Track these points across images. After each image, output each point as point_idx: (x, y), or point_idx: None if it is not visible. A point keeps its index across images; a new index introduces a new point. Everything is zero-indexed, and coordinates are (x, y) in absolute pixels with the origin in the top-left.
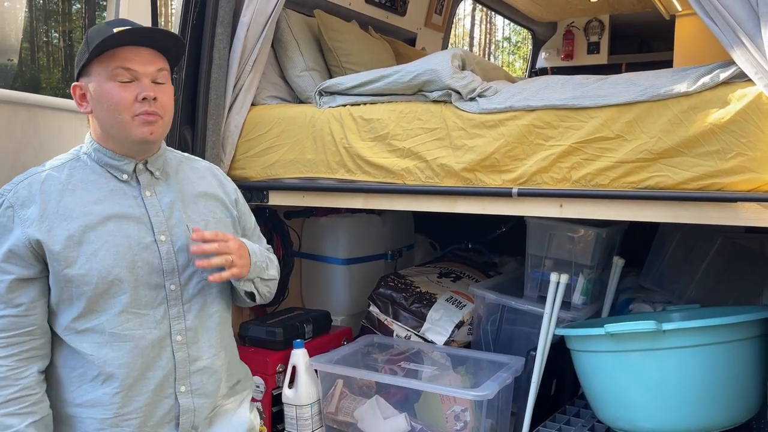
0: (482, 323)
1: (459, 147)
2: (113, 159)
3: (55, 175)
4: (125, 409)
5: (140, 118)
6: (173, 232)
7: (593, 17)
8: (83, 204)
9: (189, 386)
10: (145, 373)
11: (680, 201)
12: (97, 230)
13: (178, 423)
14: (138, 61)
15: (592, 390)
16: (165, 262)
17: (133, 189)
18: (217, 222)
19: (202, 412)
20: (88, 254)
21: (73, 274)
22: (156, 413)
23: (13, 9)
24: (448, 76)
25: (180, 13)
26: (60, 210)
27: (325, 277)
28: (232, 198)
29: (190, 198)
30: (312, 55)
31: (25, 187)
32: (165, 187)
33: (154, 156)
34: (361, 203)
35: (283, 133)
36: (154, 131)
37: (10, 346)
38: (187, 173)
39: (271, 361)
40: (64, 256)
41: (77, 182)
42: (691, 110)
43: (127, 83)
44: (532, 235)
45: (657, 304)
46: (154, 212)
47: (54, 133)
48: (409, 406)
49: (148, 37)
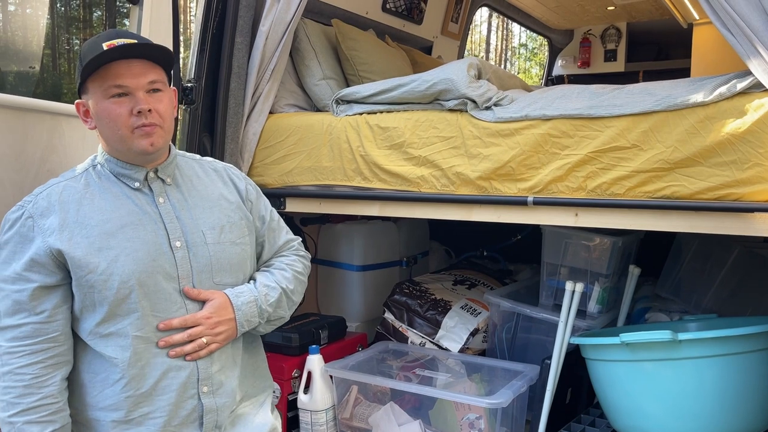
0: (497, 331)
1: (474, 155)
2: (124, 168)
3: (72, 185)
4: (148, 408)
5: (139, 131)
6: (188, 238)
7: (610, 25)
8: (101, 211)
9: (211, 386)
10: (167, 374)
11: (697, 211)
12: (116, 236)
13: (202, 423)
14: (129, 75)
15: (607, 399)
16: (180, 267)
17: (147, 196)
18: (232, 225)
19: (224, 411)
20: (109, 260)
21: (95, 279)
22: (180, 413)
23: (35, 16)
24: (464, 85)
25: (200, 23)
26: (79, 218)
27: (341, 283)
28: (243, 194)
29: (204, 202)
30: (329, 64)
31: (44, 198)
32: (178, 193)
33: (164, 163)
34: (377, 211)
35: (300, 140)
36: (154, 142)
37: (34, 353)
38: (200, 177)
39: (286, 367)
40: (86, 263)
41: (94, 191)
42: (707, 120)
43: (122, 98)
44: (548, 243)
45: (673, 314)
46: (168, 219)
47: (78, 140)
48: (423, 413)
49: (135, 52)
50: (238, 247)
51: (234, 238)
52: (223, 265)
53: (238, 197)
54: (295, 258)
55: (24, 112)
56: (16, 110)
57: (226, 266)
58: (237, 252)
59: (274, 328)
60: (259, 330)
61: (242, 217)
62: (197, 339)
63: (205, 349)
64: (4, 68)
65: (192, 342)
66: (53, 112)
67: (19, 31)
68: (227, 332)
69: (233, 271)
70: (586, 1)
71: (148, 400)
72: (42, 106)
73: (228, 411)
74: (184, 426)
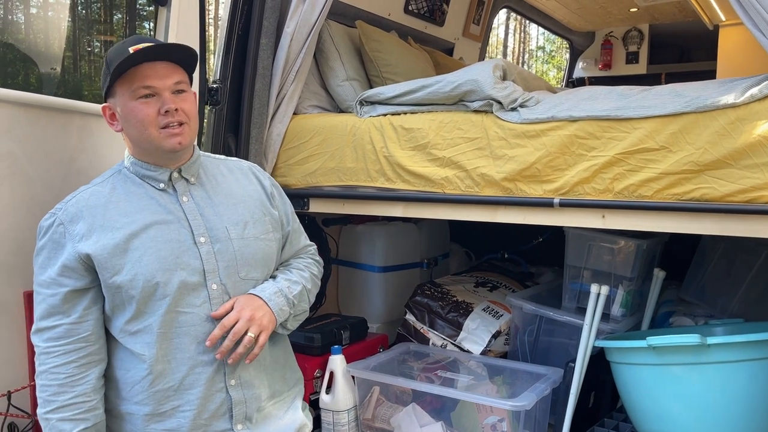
0: (519, 333)
1: (500, 157)
2: (149, 170)
3: (99, 190)
4: (178, 401)
5: (166, 130)
6: (212, 234)
7: (632, 27)
8: (126, 214)
9: (239, 379)
10: (194, 369)
11: (727, 213)
12: (140, 237)
13: (232, 415)
14: (156, 76)
15: (632, 403)
16: (206, 262)
17: (171, 196)
18: (255, 222)
19: (253, 404)
20: (133, 261)
21: (120, 281)
22: (209, 406)
23: (57, 19)
24: (489, 86)
25: (226, 24)
26: (105, 222)
27: (362, 284)
28: (268, 191)
29: (228, 199)
30: (353, 65)
31: (74, 205)
32: (201, 191)
33: (187, 163)
34: (401, 212)
35: (323, 141)
36: (182, 140)
37: (67, 353)
38: (225, 175)
39: (308, 367)
40: (111, 265)
41: (120, 194)
42: (738, 122)
43: (149, 99)
44: (571, 245)
45: (698, 318)
46: (192, 216)
47: (106, 140)
48: (445, 415)
49: (162, 52)
50: (262, 243)
51: (258, 234)
52: (248, 260)
53: (263, 194)
54: (311, 261)
55: (54, 111)
56: (47, 110)
57: (251, 261)
58: (261, 247)
59: (298, 324)
60: (287, 325)
61: (266, 213)
62: (244, 338)
63: (257, 345)
64: (26, 70)
65: (240, 344)
66: (83, 112)
67: (41, 33)
68: (266, 316)
69: (258, 266)
70: (609, 3)
71: (177, 394)
72: (72, 106)
73: (257, 403)
74: (214, 419)
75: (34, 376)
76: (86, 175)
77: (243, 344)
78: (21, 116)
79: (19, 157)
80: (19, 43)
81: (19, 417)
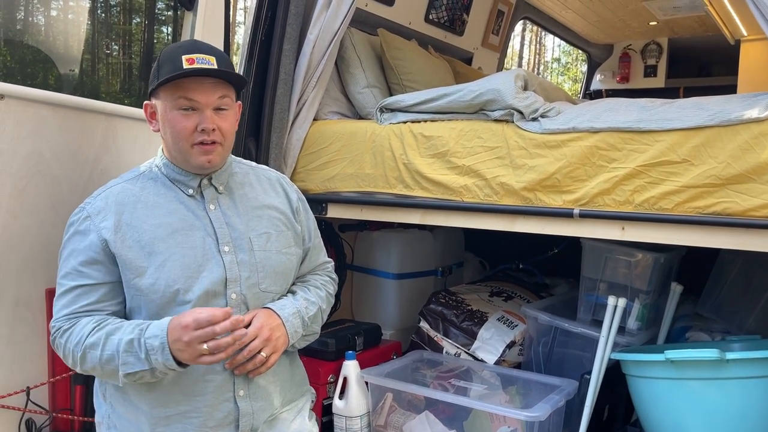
0: (533, 344)
1: (520, 166)
2: (180, 175)
3: (129, 188)
4: (186, 407)
5: (199, 147)
6: (236, 243)
7: (651, 40)
8: (154, 216)
9: (247, 390)
10: (204, 376)
11: (748, 228)
12: (166, 241)
13: (238, 426)
14: (201, 91)
15: (648, 417)
16: (228, 271)
17: (199, 203)
18: (279, 234)
19: (260, 416)
20: (157, 264)
21: (142, 283)
22: (216, 415)
23: (77, 22)
24: (510, 96)
25: (249, 30)
26: (133, 221)
27: (376, 290)
28: (294, 205)
29: (253, 211)
30: (374, 73)
31: (102, 200)
32: (229, 200)
33: (218, 172)
34: (419, 219)
35: (343, 147)
36: (212, 159)
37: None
38: (253, 185)
39: (322, 371)
40: (136, 266)
41: (149, 195)
42: (762, 136)
43: (189, 113)
44: (588, 257)
45: (715, 334)
46: (218, 225)
47: (130, 141)
48: (457, 423)
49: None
50: (283, 257)
51: (280, 247)
52: (269, 272)
53: (289, 208)
54: (328, 279)
55: (80, 112)
56: (74, 110)
57: (271, 274)
58: (282, 261)
59: (306, 344)
60: (295, 345)
61: (289, 227)
62: (256, 355)
63: (265, 365)
64: (46, 71)
65: (252, 359)
66: (108, 113)
67: (61, 36)
68: (281, 338)
69: (278, 280)
70: (628, 16)
71: (186, 399)
72: (97, 107)
73: (265, 415)
74: (219, 428)
75: (53, 372)
76: (110, 176)
77: (254, 362)
78: (48, 116)
79: (45, 156)
80: (39, 44)
81: (37, 413)
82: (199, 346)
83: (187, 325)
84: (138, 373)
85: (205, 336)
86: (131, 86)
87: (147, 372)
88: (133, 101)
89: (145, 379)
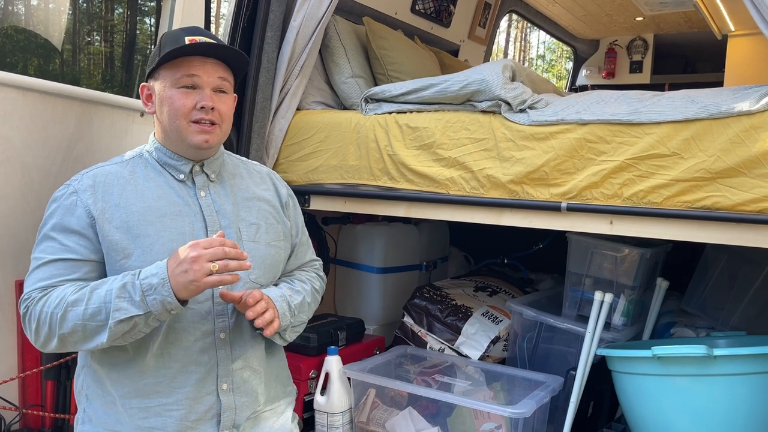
0: (518, 340)
1: (507, 158)
2: (172, 159)
3: (118, 171)
4: (167, 399)
5: (197, 125)
6: (225, 232)
7: (637, 36)
8: (143, 199)
9: (231, 384)
10: (187, 367)
11: (738, 223)
12: (154, 225)
13: (219, 420)
14: (203, 69)
15: (633, 414)
16: None
17: (189, 189)
18: (268, 227)
19: (243, 411)
20: (144, 247)
21: (128, 265)
22: (198, 408)
23: (57, 11)
24: (498, 86)
25: (231, 16)
26: (121, 203)
27: (360, 284)
28: (284, 200)
29: (244, 201)
30: (358, 62)
31: (90, 178)
32: (220, 188)
33: (210, 159)
34: (404, 212)
35: (326, 138)
36: (210, 139)
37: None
38: (243, 177)
39: (304, 367)
40: (122, 248)
41: (139, 179)
42: (753, 129)
43: (190, 90)
44: (573, 252)
45: (699, 330)
46: (208, 212)
47: (106, 128)
48: (441, 420)
49: (217, 51)
50: (272, 249)
51: (269, 240)
52: (257, 263)
53: (278, 202)
54: (314, 275)
55: (53, 97)
56: (46, 95)
57: (260, 265)
58: (271, 253)
59: (296, 336)
60: (285, 335)
61: (279, 221)
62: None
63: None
64: (26, 60)
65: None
66: (82, 99)
67: (41, 25)
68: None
69: (266, 272)
70: (615, 11)
71: (166, 390)
72: (71, 93)
73: (248, 412)
74: (201, 422)
75: (23, 368)
76: (83, 164)
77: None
78: (19, 101)
79: (15, 142)
80: (19, 33)
81: (6, 409)
82: (206, 264)
83: (196, 243)
84: (131, 320)
85: (214, 254)
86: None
87: (141, 318)
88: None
89: (136, 329)
